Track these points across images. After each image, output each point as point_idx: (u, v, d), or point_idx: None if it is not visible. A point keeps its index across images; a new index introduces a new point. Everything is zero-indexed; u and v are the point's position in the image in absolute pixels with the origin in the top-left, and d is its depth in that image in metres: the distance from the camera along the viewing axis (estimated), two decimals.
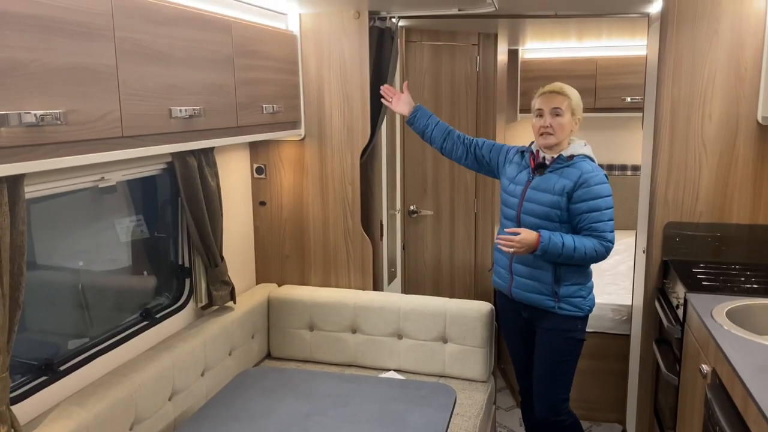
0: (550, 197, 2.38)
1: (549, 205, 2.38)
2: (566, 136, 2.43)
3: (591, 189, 2.34)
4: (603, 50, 4.62)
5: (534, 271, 2.45)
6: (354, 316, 2.98)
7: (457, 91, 3.90)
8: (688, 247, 2.80)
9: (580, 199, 2.35)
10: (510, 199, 2.51)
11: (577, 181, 2.35)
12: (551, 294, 2.43)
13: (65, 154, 1.59)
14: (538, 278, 2.44)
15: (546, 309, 2.46)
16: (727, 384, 1.81)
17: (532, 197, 2.43)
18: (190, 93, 2.08)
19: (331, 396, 2.28)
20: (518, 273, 2.49)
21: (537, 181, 2.43)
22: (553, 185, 2.38)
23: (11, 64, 1.41)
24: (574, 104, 2.43)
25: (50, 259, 2.19)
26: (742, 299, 2.28)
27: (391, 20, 3.00)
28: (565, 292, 2.43)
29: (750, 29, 2.62)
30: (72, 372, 2.08)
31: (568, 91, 2.44)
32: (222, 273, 2.71)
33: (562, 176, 2.38)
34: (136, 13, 1.82)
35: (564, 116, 2.40)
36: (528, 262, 2.44)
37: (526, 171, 2.49)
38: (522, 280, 2.49)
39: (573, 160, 2.40)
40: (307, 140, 3.09)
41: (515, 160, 2.57)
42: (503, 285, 2.58)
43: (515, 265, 2.50)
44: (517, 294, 2.52)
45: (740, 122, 2.68)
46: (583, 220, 2.36)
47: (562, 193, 2.36)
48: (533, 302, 2.48)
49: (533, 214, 2.41)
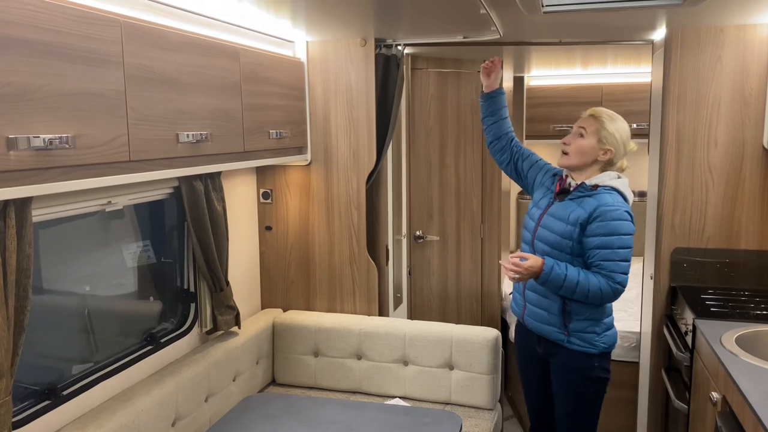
0: (563, 226, 2.26)
1: (561, 235, 2.25)
2: (584, 161, 2.29)
3: (606, 224, 2.19)
4: (608, 77, 4.64)
5: (543, 299, 2.33)
6: (359, 342, 2.96)
7: (463, 117, 3.92)
8: (696, 273, 2.78)
9: (593, 232, 2.21)
10: (529, 223, 2.42)
11: (592, 213, 2.21)
12: (560, 326, 2.30)
13: (73, 178, 1.60)
14: (547, 308, 2.32)
15: (557, 342, 2.32)
16: (737, 412, 1.78)
17: (547, 224, 2.31)
18: (198, 118, 2.11)
19: (336, 423, 2.26)
20: (530, 300, 2.39)
21: (555, 208, 2.32)
22: (568, 214, 2.25)
23: (21, 88, 1.43)
24: (605, 132, 2.26)
25: (57, 283, 2.19)
26: (752, 325, 2.25)
27: (396, 47, 3.04)
28: (575, 326, 2.28)
29: (754, 55, 2.63)
30: (75, 396, 2.07)
31: (605, 117, 2.29)
32: (227, 298, 2.70)
33: (581, 205, 2.25)
34: (145, 40, 1.85)
35: (586, 138, 2.27)
36: (539, 289, 2.32)
37: (549, 195, 2.39)
38: (533, 308, 2.38)
39: (596, 190, 2.25)
40: (313, 165, 3.11)
41: (546, 183, 2.45)
42: (517, 311, 2.49)
43: (528, 292, 2.39)
44: (529, 323, 2.41)
45: (746, 147, 2.68)
46: (593, 255, 2.21)
47: (576, 223, 2.23)
48: (544, 333, 2.35)
49: (546, 241, 2.30)
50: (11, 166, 1.42)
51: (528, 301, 2.39)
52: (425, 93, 3.77)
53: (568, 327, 2.29)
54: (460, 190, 3.96)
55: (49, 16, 1.50)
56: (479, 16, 2.35)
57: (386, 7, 2.37)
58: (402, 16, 2.56)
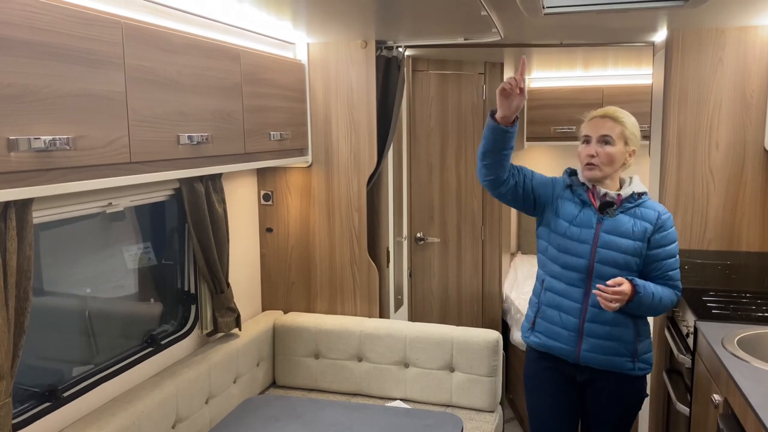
0: (630, 243, 2.05)
1: (631, 252, 2.05)
2: (615, 169, 2.11)
3: (668, 233, 2.09)
4: (609, 79, 4.64)
5: (614, 329, 2.08)
6: (360, 343, 2.95)
7: (464, 119, 3.92)
8: (697, 275, 2.77)
9: (658, 244, 2.07)
10: (575, 246, 2.10)
11: (656, 223, 2.07)
12: (631, 354, 2.10)
13: (73, 179, 1.60)
14: (618, 337, 2.09)
15: (620, 372, 2.12)
16: (739, 414, 1.77)
17: (608, 243, 2.06)
18: (199, 120, 2.11)
19: (336, 425, 2.26)
20: (593, 334, 2.09)
21: (609, 224, 2.08)
22: (630, 229, 2.06)
23: (22, 89, 1.43)
24: (628, 133, 2.09)
25: (58, 285, 2.19)
26: (754, 327, 2.25)
27: (397, 49, 3.04)
28: (642, 348, 2.13)
29: (755, 57, 2.63)
30: (76, 398, 2.07)
31: (623, 117, 2.10)
32: (228, 299, 2.70)
33: (638, 217, 2.08)
34: (146, 42, 1.85)
35: (615, 145, 2.07)
36: (607, 320, 2.08)
37: (589, 210, 2.11)
38: (597, 342, 2.09)
39: (642, 198, 2.11)
40: (314, 167, 3.11)
41: (566, 196, 2.18)
42: (566, 349, 2.14)
43: (589, 325, 2.09)
44: (590, 359, 2.11)
45: (747, 149, 2.68)
46: (660, 267, 2.08)
47: (644, 238, 2.06)
48: (608, 366, 2.11)
49: (612, 263, 2.05)
50: (12, 168, 1.42)
51: (590, 335, 2.10)
52: (426, 95, 3.77)
53: (638, 352, 2.12)
54: (460, 191, 3.96)
55: (50, 18, 1.51)
56: (480, 17, 2.35)
57: (387, 9, 2.37)
58: (403, 18, 2.56)
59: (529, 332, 2.25)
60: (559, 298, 2.15)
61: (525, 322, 2.29)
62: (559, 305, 2.14)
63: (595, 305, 2.06)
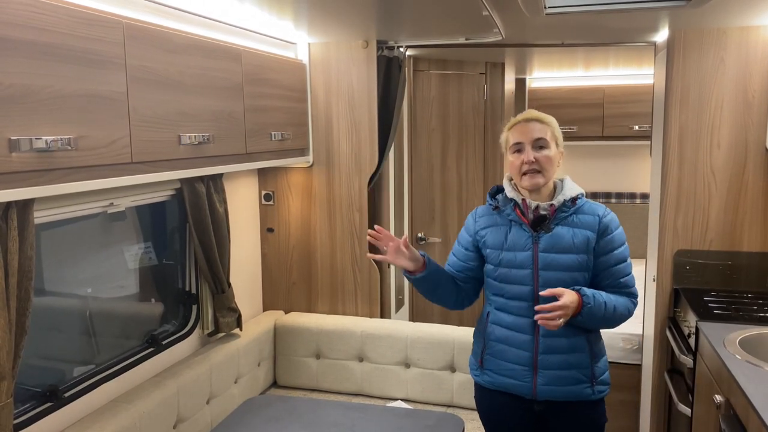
0: (574, 258, 1.89)
1: (576, 268, 1.90)
2: (554, 173, 1.96)
3: (614, 236, 1.92)
4: (610, 79, 4.64)
5: (569, 357, 1.92)
6: (361, 344, 2.95)
7: (465, 119, 3.92)
8: (698, 275, 2.77)
9: (604, 250, 1.91)
10: (513, 273, 1.93)
11: (598, 228, 1.91)
12: (588, 379, 1.94)
13: (75, 180, 1.60)
14: (575, 364, 1.92)
15: (579, 401, 1.96)
16: (741, 415, 1.77)
17: (549, 263, 1.90)
18: (200, 120, 2.10)
19: (337, 425, 2.26)
20: (548, 366, 1.92)
21: (546, 241, 1.90)
22: (571, 241, 1.89)
23: (23, 90, 1.43)
24: (557, 133, 1.97)
25: (59, 285, 2.19)
26: (755, 328, 2.25)
27: (398, 49, 3.04)
28: (599, 370, 1.96)
29: (757, 57, 2.63)
30: (77, 399, 2.07)
31: (548, 119, 1.97)
32: (229, 300, 2.70)
33: (576, 226, 1.91)
34: (148, 42, 1.85)
35: (550, 148, 1.92)
36: (562, 347, 1.91)
37: (519, 229, 1.94)
38: (554, 374, 1.92)
39: (577, 203, 1.94)
40: (315, 167, 3.11)
41: (489, 222, 2.02)
42: (520, 385, 1.96)
43: (544, 357, 1.92)
44: (547, 392, 1.94)
45: (749, 150, 2.68)
46: (610, 275, 1.93)
47: (587, 248, 1.90)
48: (567, 396, 1.94)
49: (558, 284, 1.86)
50: (13, 168, 1.42)
51: (545, 367, 1.93)
52: (427, 95, 3.77)
53: (595, 374, 1.95)
54: (461, 191, 3.95)
55: (51, 18, 1.50)
56: (482, 17, 2.34)
57: (388, 9, 2.37)
58: (404, 18, 2.56)
59: (479, 370, 2.07)
60: (507, 332, 1.97)
61: (472, 358, 2.12)
62: (507, 339, 1.96)
63: (548, 335, 1.91)
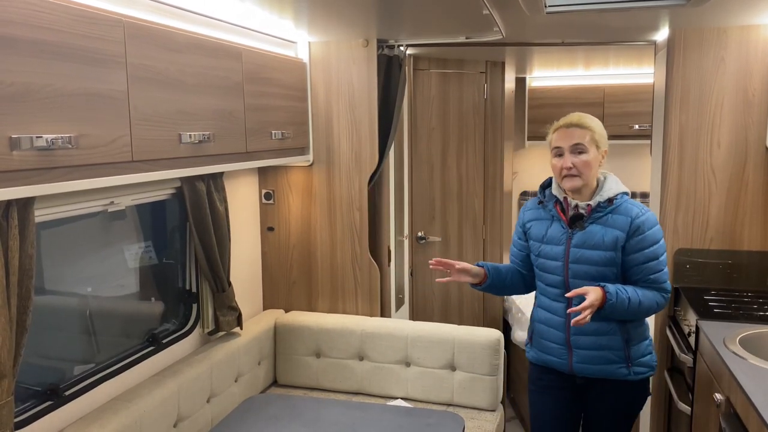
0: (602, 254, 2.04)
1: (604, 264, 2.04)
2: (594, 174, 2.07)
3: (646, 236, 2.03)
4: (610, 78, 4.64)
5: (600, 339, 2.09)
6: (361, 343, 2.95)
7: (465, 118, 3.92)
8: (698, 274, 2.77)
9: (634, 249, 2.03)
10: (549, 264, 2.14)
11: (629, 229, 2.02)
12: (623, 360, 2.09)
13: (75, 178, 1.60)
14: (607, 346, 2.09)
15: (616, 379, 2.12)
16: (741, 414, 1.77)
17: (579, 257, 2.07)
18: (200, 118, 2.10)
19: (338, 424, 2.26)
20: (581, 346, 2.11)
21: (579, 238, 2.07)
22: (601, 239, 2.04)
23: (24, 88, 1.43)
24: (597, 136, 2.06)
25: (59, 284, 2.19)
26: (755, 327, 2.25)
27: (399, 48, 3.03)
28: (636, 352, 2.11)
29: (757, 56, 2.63)
30: (77, 397, 2.07)
31: (589, 122, 2.07)
32: (229, 298, 2.70)
33: (609, 225, 2.04)
34: (148, 40, 1.85)
35: (589, 152, 2.04)
36: (591, 331, 2.08)
37: (558, 225, 2.13)
38: (586, 353, 2.11)
39: (614, 204, 2.06)
40: (315, 166, 3.11)
41: (535, 216, 2.21)
42: (559, 362, 2.17)
43: (576, 338, 2.11)
44: (582, 369, 2.13)
45: (749, 149, 2.68)
46: (640, 272, 2.05)
47: (616, 247, 2.03)
48: (602, 374, 2.12)
49: (586, 276, 2.05)
50: (14, 166, 1.42)
51: (578, 346, 2.12)
52: (427, 94, 3.77)
53: (630, 357, 2.10)
54: (462, 190, 3.96)
55: (52, 17, 1.50)
56: (482, 16, 2.34)
57: (389, 8, 2.37)
58: (404, 17, 2.56)
59: (529, 347, 2.32)
60: (546, 314, 2.20)
61: (527, 337, 2.36)
62: (547, 321, 2.19)
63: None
